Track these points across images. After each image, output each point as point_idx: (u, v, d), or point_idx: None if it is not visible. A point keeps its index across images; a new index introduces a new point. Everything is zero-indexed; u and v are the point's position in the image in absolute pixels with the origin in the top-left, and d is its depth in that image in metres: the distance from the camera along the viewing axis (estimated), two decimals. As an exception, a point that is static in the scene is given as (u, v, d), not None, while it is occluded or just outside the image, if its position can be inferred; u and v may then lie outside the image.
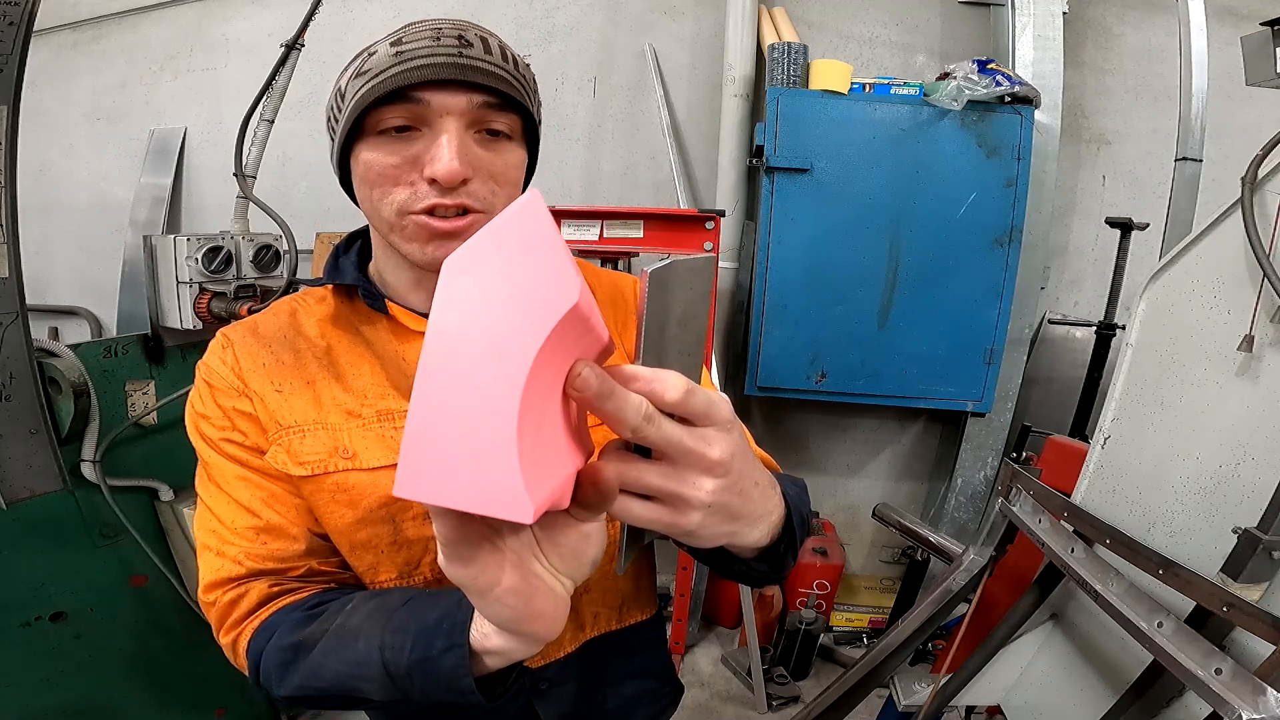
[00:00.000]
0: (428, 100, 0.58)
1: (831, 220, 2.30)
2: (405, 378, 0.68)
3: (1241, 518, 0.93)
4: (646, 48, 2.73)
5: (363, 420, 0.66)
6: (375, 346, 0.69)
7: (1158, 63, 2.65)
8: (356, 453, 0.65)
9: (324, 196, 2.86)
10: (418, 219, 0.61)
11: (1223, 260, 1.05)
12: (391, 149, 0.60)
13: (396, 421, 0.66)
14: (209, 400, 0.67)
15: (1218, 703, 0.80)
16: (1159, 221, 2.38)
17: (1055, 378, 2.69)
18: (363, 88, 0.59)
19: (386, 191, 0.61)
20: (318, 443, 0.65)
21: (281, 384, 0.66)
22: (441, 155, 0.58)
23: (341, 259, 0.74)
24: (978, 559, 1.40)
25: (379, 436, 0.66)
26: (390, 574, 0.68)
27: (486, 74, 0.59)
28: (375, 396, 0.67)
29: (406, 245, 0.63)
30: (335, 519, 0.65)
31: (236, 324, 0.72)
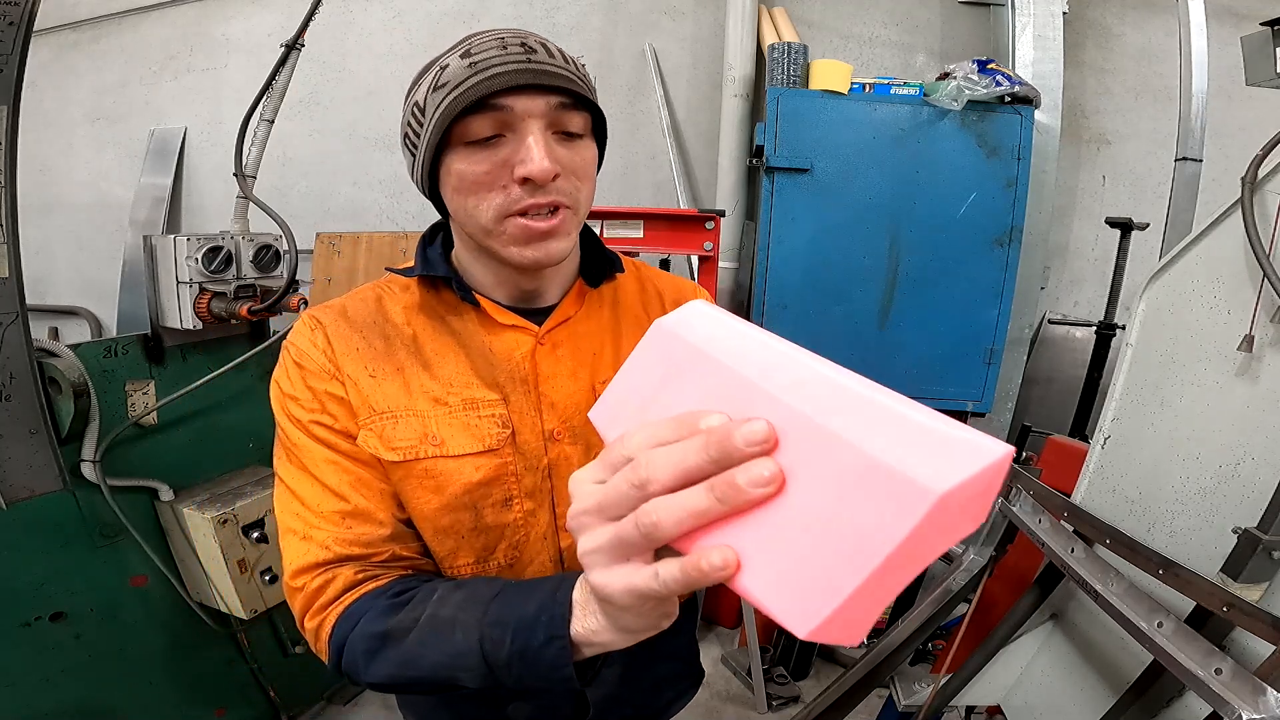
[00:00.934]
0: (510, 106, 0.61)
1: (831, 220, 2.30)
2: (491, 368, 0.71)
3: (1241, 518, 0.93)
4: (646, 48, 2.73)
5: (449, 408, 0.69)
6: (462, 337, 0.72)
7: (1158, 63, 2.65)
8: (444, 440, 0.67)
9: (324, 196, 2.86)
10: (516, 222, 0.63)
11: (1223, 260, 1.05)
12: (481, 157, 0.62)
13: (481, 410, 0.70)
14: (299, 381, 0.68)
15: (1218, 703, 0.80)
16: (1159, 221, 2.38)
17: (1055, 378, 2.69)
18: (445, 100, 0.61)
19: (482, 198, 0.63)
20: (409, 429, 0.67)
21: (375, 369, 0.69)
22: (533, 155, 0.61)
23: (429, 251, 0.76)
24: (978, 559, 1.40)
25: (464, 425, 0.69)
26: (469, 559, 0.71)
27: (557, 76, 0.62)
28: (461, 385, 0.70)
29: (506, 249, 0.65)
30: (422, 504, 0.68)
31: (323, 306, 0.74)
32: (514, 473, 0.70)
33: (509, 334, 0.72)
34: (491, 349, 0.72)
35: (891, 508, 0.27)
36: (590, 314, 0.78)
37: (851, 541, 0.28)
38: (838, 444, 0.29)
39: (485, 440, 0.69)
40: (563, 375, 0.73)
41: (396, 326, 0.72)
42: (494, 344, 0.72)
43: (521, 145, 0.61)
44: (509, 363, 0.72)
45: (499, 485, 0.70)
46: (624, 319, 0.80)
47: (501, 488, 0.70)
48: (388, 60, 2.78)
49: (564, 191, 0.64)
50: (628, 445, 0.35)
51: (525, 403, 0.71)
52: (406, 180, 2.86)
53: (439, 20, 2.76)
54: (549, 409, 0.72)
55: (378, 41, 2.77)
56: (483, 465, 0.69)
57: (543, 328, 0.74)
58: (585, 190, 0.67)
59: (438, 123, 0.62)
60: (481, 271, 0.73)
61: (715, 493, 0.31)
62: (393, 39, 2.78)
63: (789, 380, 0.32)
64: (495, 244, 0.66)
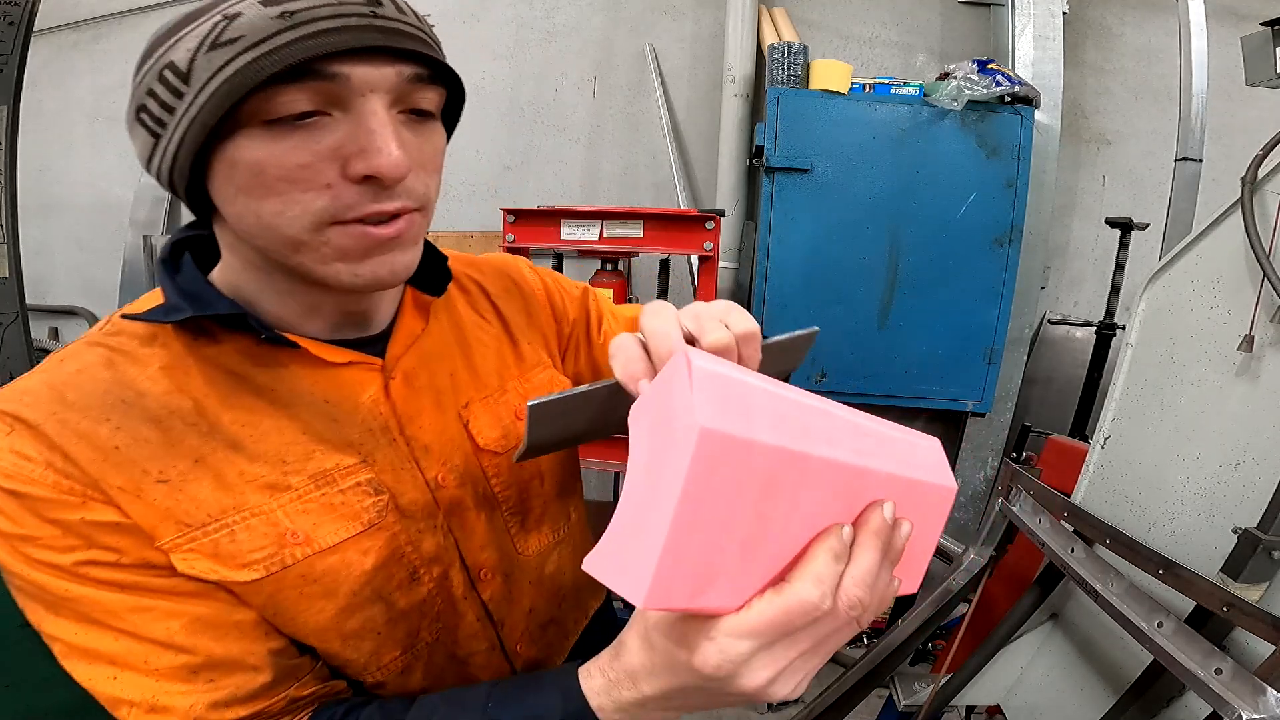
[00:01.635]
0: (346, 75, 0.44)
1: (831, 220, 2.30)
2: (335, 424, 0.54)
3: (1241, 518, 0.93)
4: (646, 48, 2.73)
5: (295, 492, 0.51)
6: (277, 394, 0.52)
7: (1158, 63, 2.65)
8: (309, 533, 0.51)
9: (324, 196, 2.87)
10: (347, 231, 0.47)
11: (1223, 260, 1.05)
12: (295, 144, 0.44)
13: (340, 482, 0.53)
14: (27, 516, 0.44)
15: (1218, 703, 0.80)
16: (1159, 221, 2.38)
17: (1055, 378, 2.69)
18: (236, 63, 0.42)
19: (291, 200, 0.45)
20: (256, 534, 0.49)
21: (163, 469, 0.47)
22: (383, 145, 0.45)
23: (183, 280, 0.53)
24: (978, 559, 1.40)
25: (325, 506, 0.52)
26: (394, 652, 0.58)
27: (411, 37, 0.47)
28: (299, 458, 0.52)
29: (328, 267, 0.48)
30: (314, 617, 0.52)
31: (13, 391, 0.48)
32: (409, 542, 0.56)
33: (346, 376, 0.55)
34: (328, 400, 0.54)
35: (678, 452, 0.32)
36: (432, 328, 0.63)
37: (658, 501, 0.33)
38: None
39: (360, 517, 0.53)
40: (427, 410, 0.59)
41: (161, 400, 0.49)
42: (328, 393, 0.54)
43: (360, 130, 0.45)
44: (357, 412, 0.55)
45: (398, 563, 0.56)
46: (463, 325, 0.66)
47: (402, 564, 0.56)
48: (388, 60, 2.78)
49: (414, 193, 0.49)
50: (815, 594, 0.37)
51: (394, 456, 0.56)
52: (406, 180, 2.86)
53: (439, 20, 2.74)
54: (424, 454, 0.58)
55: (378, 41, 2.77)
56: (370, 547, 0.54)
57: (387, 358, 0.58)
58: (434, 187, 0.53)
59: (220, 93, 0.42)
60: (278, 299, 0.54)
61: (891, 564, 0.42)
62: (393, 39, 2.78)
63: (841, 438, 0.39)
64: (309, 260, 0.48)
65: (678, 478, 0.32)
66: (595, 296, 0.82)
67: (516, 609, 0.67)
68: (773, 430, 0.34)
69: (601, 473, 3.00)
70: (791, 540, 0.38)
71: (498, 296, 0.71)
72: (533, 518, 0.68)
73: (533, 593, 0.69)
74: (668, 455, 0.33)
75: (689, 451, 0.31)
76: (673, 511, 0.32)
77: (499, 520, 0.64)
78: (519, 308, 0.72)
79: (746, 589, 0.37)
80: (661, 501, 0.32)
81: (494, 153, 2.83)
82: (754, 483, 0.34)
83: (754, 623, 0.37)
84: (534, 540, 0.68)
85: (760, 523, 0.35)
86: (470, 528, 0.62)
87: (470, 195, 2.87)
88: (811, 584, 0.37)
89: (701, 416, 0.31)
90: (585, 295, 0.81)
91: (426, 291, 0.63)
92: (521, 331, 0.71)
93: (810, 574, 0.37)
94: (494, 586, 0.64)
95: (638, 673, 0.43)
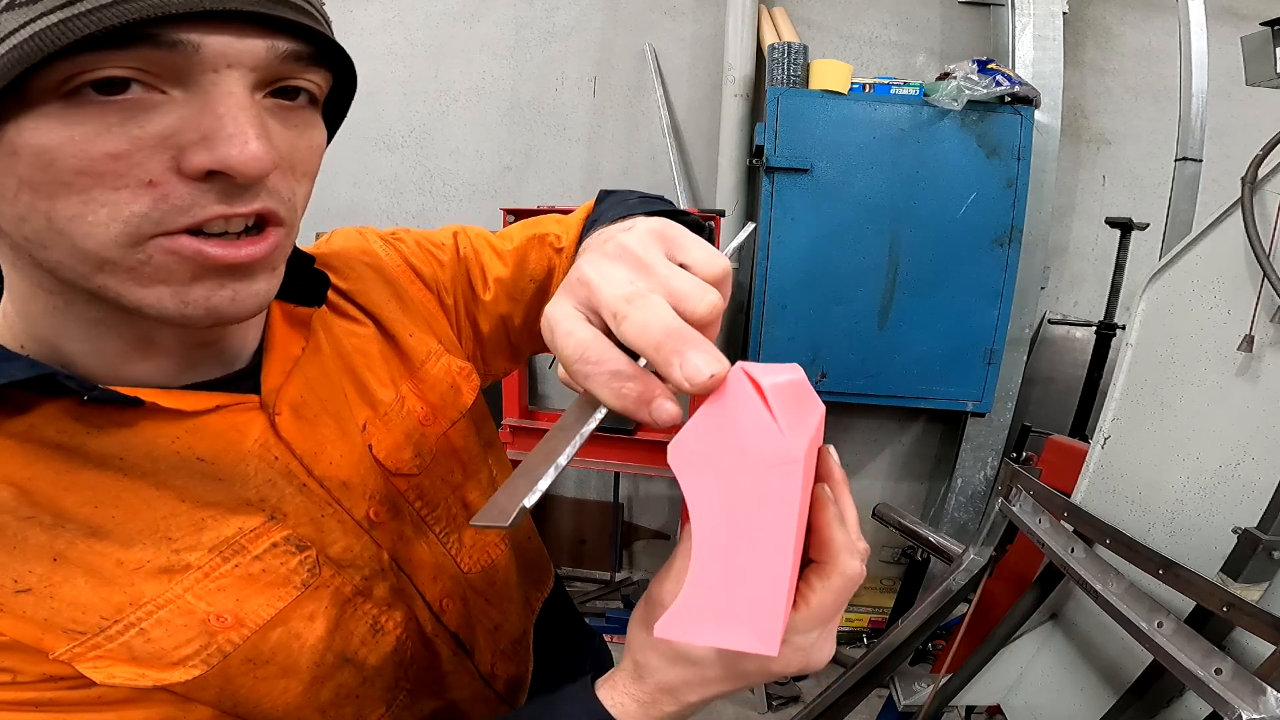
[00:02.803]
0: (194, 45, 0.33)
1: (831, 220, 2.30)
2: (220, 484, 0.44)
3: (1241, 518, 0.93)
4: (646, 48, 2.73)
5: (199, 571, 0.42)
6: (130, 463, 0.41)
7: (1158, 63, 2.65)
8: (235, 614, 0.43)
9: (324, 196, 2.86)
10: (179, 244, 0.36)
11: (1223, 260, 1.05)
12: (107, 125, 0.33)
13: (251, 548, 0.44)
14: None
15: (1218, 703, 0.80)
16: (1159, 221, 2.38)
17: (1055, 378, 2.69)
18: (35, 24, 0.30)
19: (97, 201, 0.34)
20: (173, 628, 0.41)
21: (17, 576, 0.38)
22: (236, 132, 0.34)
23: None
24: (978, 559, 1.40)
25: (243, 579, 0.44)
26: (378, 711, 0.53)
27: (290, 5, 0.36)
28: (187, 532, 0.42)
29: (144, 290, 0.37)
30: (279, 698, 0.46)
31: None
32: (359, 593, 0.50)
33: (216, 424, 0.44)
34: (202, 458, 0.44)
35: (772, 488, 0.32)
36: (314, 345, 0.53)
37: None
38: None
39: (289, 581, 0.46)
40: (332, 442, 0.50)
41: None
42: (200, 449, 0.44)
43: (206, 114, 0.34)
44: (245, 464, 0.45)
45: (354, 619, 0.50)
46: (336, 335, 0.55)
47: (358, 619, 0.50)
48: (388, 60, 2.78)
49: (279, 196, 0.39)
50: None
51: (307, 504, 0.47)
52: (407, 180, 2.86)
53: (439, 20, 2.76)
54: (344, 493, 0.50)
55: (378, 41, 2.77)
56: (315, 611, 0.47)
57: (264, 392, 0.47)
58: (304, 196, 0.42)
59: (8, 62, 0.30)
60: (89, 337, 0.41)
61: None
62: (393, 39, 2.78)
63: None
64: (118, 284, 0.36)
65: (786, 517, 0.29)
66: (467, 236, 0.68)
67: (481, 631, 0.62)
68: (800, 425, 0.32)
69: (603, 473, 3.00)
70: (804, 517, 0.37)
71: (359, 290, 0.58)
72: (468, 532, 0.61)
73: (491, 610, 0.64)
74: (754, 492, 0.29)
75: (794, 487, 0.28)
76: (790, 553, 0.29)
77: (436, 544, 0.58)
78: (387, 295, 0.60)
79: (794, 581, 0.35)
80: (767, 543, 0.29)
81: (494, 153, 2.83)
82: (809, 484, 0.33)
83: (818, 612, 0.38)
84: (475, 555, 0.62)
85: (805, 517, 0.35)
86: (419, 560, 0.56)
87: (470, 195, 2.86)
88: (848, 556, 0.38)
89: (794, 447, 0.29)
90: (456, 243, 0.67)
91: (300, 303, 0.51)
92: (398, 323, 0.59)
93: (841, 546, 0.38)
94: (455, 614, 0.59)
95: (679, 687, 0.41)
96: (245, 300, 0.39)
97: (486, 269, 0.66)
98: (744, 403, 0.30)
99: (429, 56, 2.77)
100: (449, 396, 0.61)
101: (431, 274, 0.64)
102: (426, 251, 0.65)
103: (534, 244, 0.66)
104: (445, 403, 0.60)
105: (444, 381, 0.61)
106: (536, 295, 0.66)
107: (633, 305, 0.32)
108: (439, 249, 0.66)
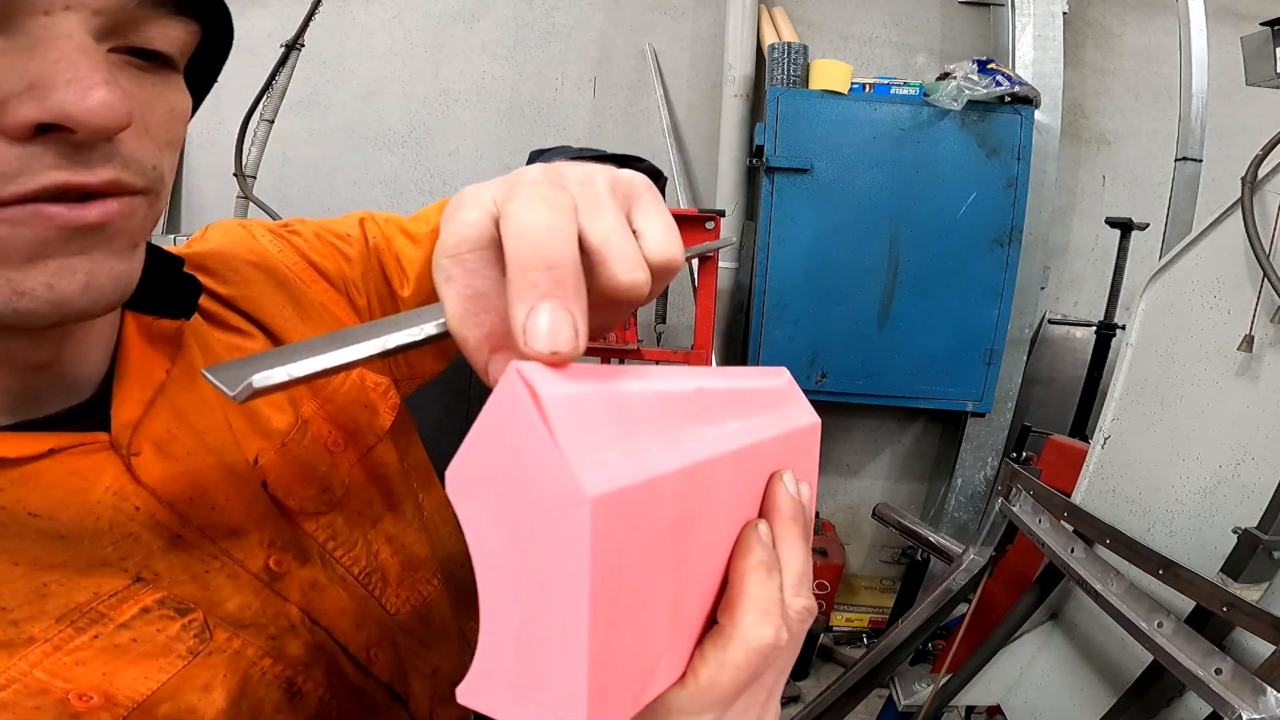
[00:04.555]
0: None
1: (831, 220, 2.30)
2: (68, 542, 0.35)
3: (1241, 518, 0.93)
4: (646, 48, 2.73)
5: (46, 644, 0.34)
6: None
7: (1158, 63, 2.65)
8: (104, 691, 0.35)
9: (324, 196, 2.86)
10: (8, 213, 0.28)
11: (1223, 260, 1.05)
12: None
13: (114, 616, 0.36)
14: None
15: (1218, 703, 0.80)
16: (1159, 221, 2.39)
17: (1055, 378, 2.69)
18: None
19: None
20: (20, 711, 0.33)
21: None
22: (75, 77, 0.27)
23: None
24: (978, 559, 1.40)
25: (108, 651, 0.35)
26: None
27: None
28: (26, 600, 0.34)
29: None
30: None
31: None
32: (266, 654, 0.41)
33: (51, 472, 0.35)
34: (35, 513, 0.35)
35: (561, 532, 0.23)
36: (184, 366, 0.42)
37: None
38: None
39: (172, 649, 0.37)
40: (211, 480, 0.41)
41: None
42: (33, 502, 0.34)
43: (34, 59, 0.27)
44: (94, 518, 0.36)
45: (261, 684, 0.41)
46: (213, 351, 0.45)
47: (268, 684, 0.41)
48: (388, 60, 2.78)
49: (135, 164, 0.31)
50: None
51: (185, 558, 0.39)
52: (408, 180, 2.86)
53: (439, 20, 2.76)
54: (232, 541, 0.41)
55: (378, 41, 2.77)
56: (210, 681, 0.39)
57: (115, 427, 0.37)
58: (170, 166, 0.34)
59: None
60: None
61: None
62: (393, 39, 2.78)
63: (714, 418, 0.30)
64: None
65: (578, 567, 0.21)
66: (375, 223, 0.59)
67: (417, 676, 0.54)
68: (663, 448, 0.25)
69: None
70: (713, 563, 0.29)
71: (243, 296, 0.48)
72: (392, 572, 0.51)
73: (426, 652, 0.55)
74: (540, 535, 0.22)
75: (584, 532, 0.21)
76: (586, 609, 0.22)
77: (356, 588, 0.49)
78: (279, 300, 0.50)
79: (686, 647, 0.28)
80: (558, 597, 0.22)
81: (494, 153, 2.83)
82: (664, 524, 0.25)
83: (708, 692, 0.28)
84: (403, 595, 0.52)
85: (681, 566, 0.26)
86: (337, 609, 0.47)
87: (470, 195, 2.87)
88: (759, 618, 0.28)
89: (585, 480, 0.21)
90: (364, 231, 0.58)
91: (166, 315, 0.41)
92: (295, 331, 0.49)
93: (752, 605, 0.28)
94: (386, 663, 0.50)
95: None
96: (102, 284, 0.31)
97: (402, 258, 0.57)
98: (522, 418, 0.22)
99: (429, 56, 2.77)
100: (363, 418, 0.51)
101: (337, 270, 0.54)
102: (329, 244, 0.55)
103: None
104: (359, 425, 0.51)
105: (355, 401, 0.51)
106: None
107: (530, 201, 0.25)
108: (343, 241, 0.56)
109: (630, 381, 0.26)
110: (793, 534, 0.32)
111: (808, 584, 0.31)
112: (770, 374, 0.37)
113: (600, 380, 0.25)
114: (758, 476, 0.32)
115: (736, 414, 0.32)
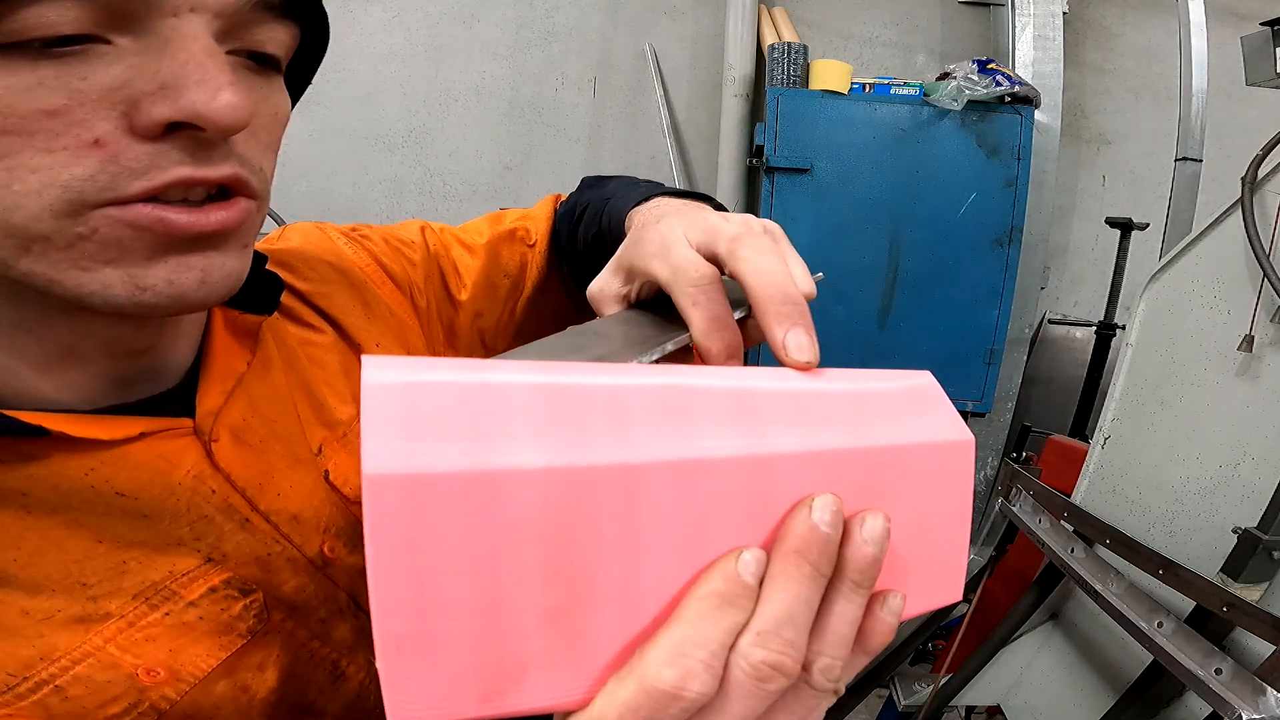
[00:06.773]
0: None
1: (831, 220, 2.30)
2: (150, 521, 0.38)
3: (1241, 518, 0.93)
4: (646, 48, 2.73)
5: (121, 620, 0.36)
6: (35, 499, 0.35)
7: (1158, 63, 2.65)
8: (169, 667, 0.37)
9: (324, 197, 2.86)
10: (133, 214, 0.30)
11: (1223, 260, 1.06)
12: (41, 78, 0.28)
13: (184, 595, 0.38)
14: None
15: (1218, 703, 0.80)
16: (1159, 221, 2.39)
17: (1055, 378, 2.69)
18: None
19: (24, 165, 0.29)
20: (95, 685, 0.35)
21: None
22: (205, 79, 0.29)
23: None
24: (978, 559, 1.40)
25: (176, 628, 0.38)
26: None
27: None
28: (106, 576, 0.36)
29: (87, 274, 0.31)
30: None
31: None
32: (315, 636, 0.44)
33: (139, 454, 0.37)
34: (122, 492, 0.37)
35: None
36: (262, 359, 0.45)
37: None
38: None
39: (234, 629, 0.40)
40: (280, 471, 0.43)
41: None
42: (120, 482, 0.37)
43: (165, 60, 0.29)
44: (174, 499, 0.38)
45: (309, 665, 0.44)
46: (290, 344, 0.48)
47: (315, 665, 0.44)
48: (388, 60, 2.78)
49: (250, 164, 0.34)
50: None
51: (250, 542, 0.41)
52: (407, 180, 2.86)
53: (439, 20, 2.76)
54: (293, 526, 0.43)
55: (378, 41, 2.77)
56: (265, 660, 0.41)
57: (199, 415, 0.40)
58: (271, 170, 0.37)
59: None
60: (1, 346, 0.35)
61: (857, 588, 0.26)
62: (393, 39, 2.78)
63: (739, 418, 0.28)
64: (54, 267, 0.31)
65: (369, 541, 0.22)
66: (434, 232, 0.62)
67: None
68: (541, 444, 0.24)
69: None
70: (671, 584, 0.26)
71: (320, 293, 0.51)
72: None
73: None
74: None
75: (370, 509, 0.21)
76: (374, 585, 0.22)
77: None
78: (351, 299, 0.52)
79: (595, 669, 0.25)
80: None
81: (494, 153, 2.83)
82: (527, 523, 0.23)
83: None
84: None
85: (569, 573, 0.24)
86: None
87: (470, 195, 2.87)
88: (667, 656, 0.24)
89: (370, 458, 0.22)
90: (425, 239, 0.60)
91: (250, 310, 0.44)
92: (362, 331, 0.52)
93: (669, 639, 0.24)
94: None
95: None
96: (216, 282, 0.34)
97: (459, 265, 0.60)
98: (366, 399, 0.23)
99: (429, 56, 2.77)
100: None
101: (403, 273, 0.57)
102: (395, 249, 0.58)
103: (504, 239, 0.63)
104: None
105: None
106: (511, 292, 0.63)
107: (759, 251, 0.33)
108: (408, 246, 0.59)
109: (560, 375, 0.26)
110: (791, 572, 0.26)
111: (791, 637, 0.25)
112: (898, 376, 0.35)
113: (492, 372, 0.25)
114: (783, 495, 0.27)
115: (792, 421, 0.28)
